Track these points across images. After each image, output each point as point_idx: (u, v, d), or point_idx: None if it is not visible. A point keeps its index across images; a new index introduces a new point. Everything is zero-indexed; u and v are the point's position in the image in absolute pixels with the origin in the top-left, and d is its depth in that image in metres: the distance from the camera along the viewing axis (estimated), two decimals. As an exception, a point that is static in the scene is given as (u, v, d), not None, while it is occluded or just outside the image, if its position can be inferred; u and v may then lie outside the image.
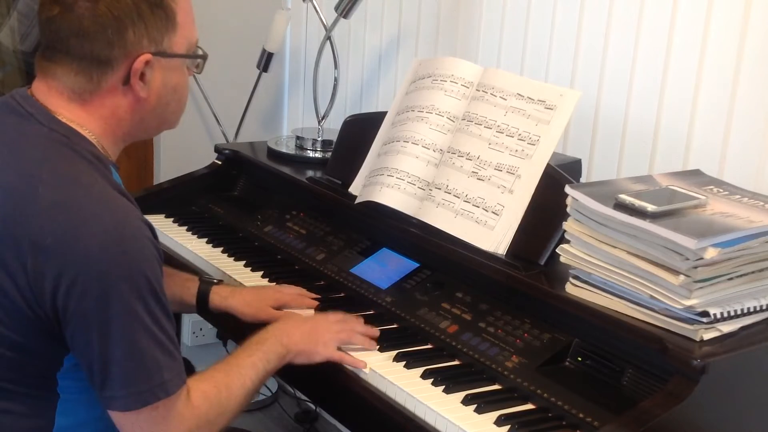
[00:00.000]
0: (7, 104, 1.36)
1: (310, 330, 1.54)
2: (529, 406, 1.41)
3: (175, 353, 1.29)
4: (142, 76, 1.32)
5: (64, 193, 1.25)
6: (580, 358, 1.46)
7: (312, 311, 1.70)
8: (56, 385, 1.32)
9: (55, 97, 1.32)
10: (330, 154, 2.18)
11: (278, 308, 1.70)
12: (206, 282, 1.75)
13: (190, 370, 1.79)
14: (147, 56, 1.31)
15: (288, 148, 2.42)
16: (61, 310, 1.22)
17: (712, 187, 1.55)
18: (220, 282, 1.78)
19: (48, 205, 1.23)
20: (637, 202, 1.38)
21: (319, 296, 1.76)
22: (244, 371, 1.41)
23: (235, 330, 1.95)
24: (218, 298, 1.72)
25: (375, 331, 1.58)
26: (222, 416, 1.36)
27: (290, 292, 1.75)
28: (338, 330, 1.55)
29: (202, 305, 1.73)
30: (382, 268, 1.81)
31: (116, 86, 1.32)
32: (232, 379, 1.39)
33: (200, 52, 1.45)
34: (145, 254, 1.26)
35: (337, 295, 1.80)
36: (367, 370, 1.50)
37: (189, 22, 1.40)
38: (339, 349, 1.54)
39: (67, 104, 1.32)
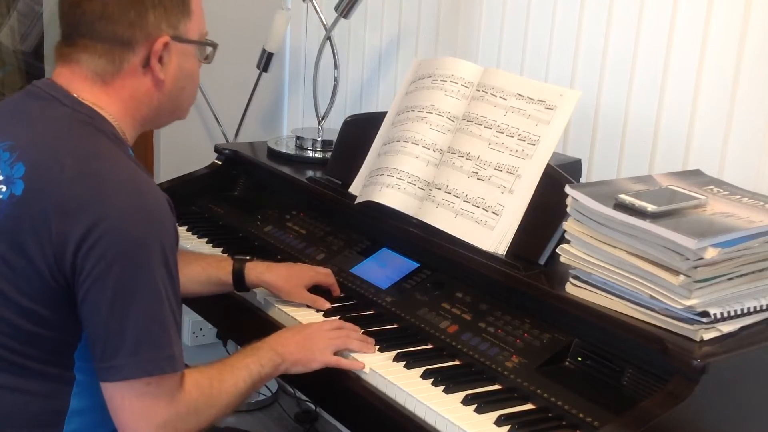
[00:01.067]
0: (29, 92, 1.42)
1: (305, 339, 1.55)
2: (529, 406, 1.41)
3: (179, 333, 1.32)
4: (160, 59, 1.38)
5: (89, 165, 1.30)
6: (580, 358, 1.46)
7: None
8: (73, 365, 1.34)
9: (78, 81, 1.38)
10: (330, 154, 2.18)
11: (310, 289, 1.75)
12: (239, 260, 1.80)
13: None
14: (166, 38, 1.38)
15: (288, 148, 2.42)
16: (79, 270, 1.25)
17: (712, 187, 1.55)
18: (252, 259, 1.83)
19: (73, 175, 1.27)
20: (637, 202, 1.38)
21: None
22: (237, 372, 1.43)
23: (235, 330, 1.96)
24: (254, 273, 1.76)
25: (370, 340, 1.58)
26: (210, 408, 1.37)
27: (325, 271, 1.79)
28: (334, 336, 1.56)
29: (239, 282, 1.76)
30: (382, 268, 1.81)
31: (136, 68, 1.38)
32: (224, 375, 1.41)
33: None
34: (166, 226, 1.31)
35: (337, 295, 1.80)
36: (366, 370, 1.50)
37: (201, 12, 1.46)
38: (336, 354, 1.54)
39: (90, 87, 1.38)
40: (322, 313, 1.70)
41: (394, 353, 1.54)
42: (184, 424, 1.33)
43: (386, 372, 1.48)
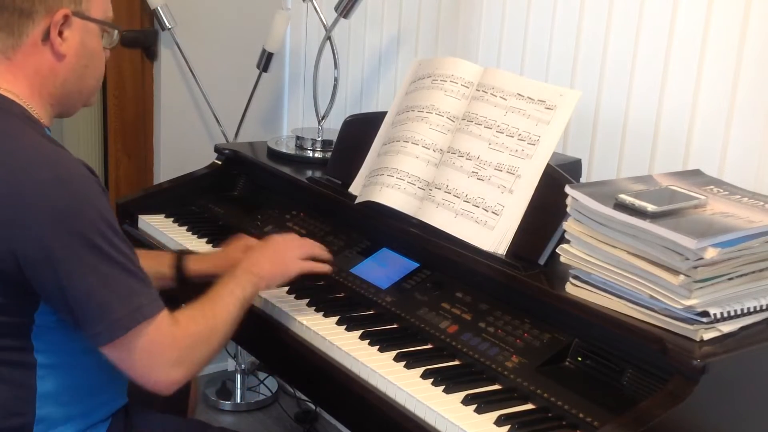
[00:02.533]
0: None
1: (273, 254, 1.65)
2: (529, 406, 1.41)
3: (146, 280, 1.35)
4: (61, 33, 1.39)
5: (2, 146, 1.31)
6: (580, 358, 1.46)
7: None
8: (33, 348, 1.36)
9: None
10: (330, 154, 2.18)
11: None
12: (179, 252, 1.83)
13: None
14: (66, 11, 1.39)
15: (288, 148, 2.42)
16: (22, 260, 1.27)
17: (712, 187, 1.55)
18: (190, 251, 1.85)
19: None
20: (637, 202, 1.38)
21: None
22: (225, 299, 1.49)
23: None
24: (193, 263, 1.79)
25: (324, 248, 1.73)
26: (214, 334, 1.44)
27: (251, 238, 1.85)
28: (298, 245, 1.69)
29: (180, 273, 1.78)
30: (382, 268, 1.81)
31: (37, 41, 1.39)
32: (215, 305, 1.47)
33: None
34: (90, 189, 1.32)
35: (337, 295, 1.80)
36: (366, 370, 1.50)
37: None
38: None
39: None
40: (323, 313, 1.70)
41: (394, 353, 1.54)
42: (195, 354, 1.40)
43: (386, 372, 1.48)
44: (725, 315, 1.34)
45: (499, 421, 1.35)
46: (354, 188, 1.95)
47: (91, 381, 1.43)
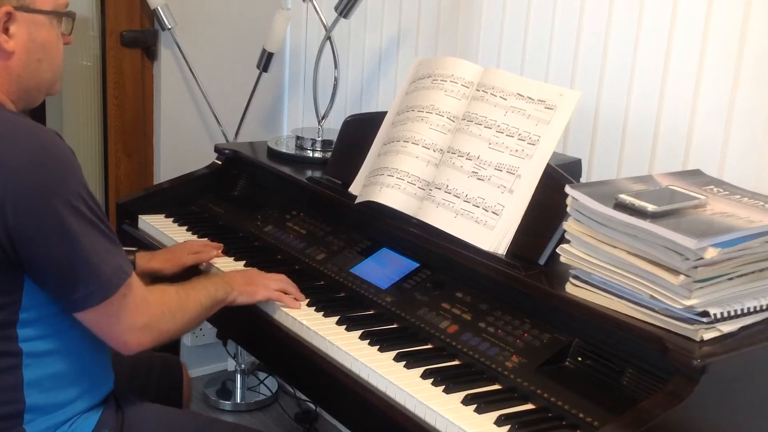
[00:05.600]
0: None
1: (249, 276, 1.76)
2: (529, 406, 1.41)
3: (117, 241, 1.42)
4: (6, 31, 1.40)
5: None
6: (580, 358, 1.46)
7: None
8: (17, 338, 1.38)
9: None
10: (330, 154, 2.18)
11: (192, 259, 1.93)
12: (128, 251, 1.85)
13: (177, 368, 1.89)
14: (7, 8, 1.39)
15: (288, 148, 2.42)
16: (13, 229, 1.30)
17: (712, 187, 1.55)
18: (138, 250, 1.90)
19: None
20: (637, 202, 1.38)
21: (221, 243, 1.99)
22: (198, 290, 1.60)
23: (234, 330, 1.95)
24: (143, 262, 1.86)
25: (302, 296, 1.76)
26: (182, 311, 1.53)
27: (199, 242, 2.01)
28: (274, 278, 1.76)
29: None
30: (382, 268, 1.81)
31: None
32: (188, 291, 1.58)
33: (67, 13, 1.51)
34: (70, 157, 1.37)
35: (337, 295, 1.80)
36: (366, 369, 1.50)
37: None
38: None
39: None
40: (323, 313, 1.70)
41: (394, 353, 1.54)
42: (161, 323, 1.48)
43: (386, 372, 1.48)
44: (725, 315, 1.34)
45: (499, 421, 1.35)
46: (354, 188, 1.95)
47: (77, 366, 1.46)
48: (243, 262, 1.94)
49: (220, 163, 2.36)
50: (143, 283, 1.47)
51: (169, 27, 2.70)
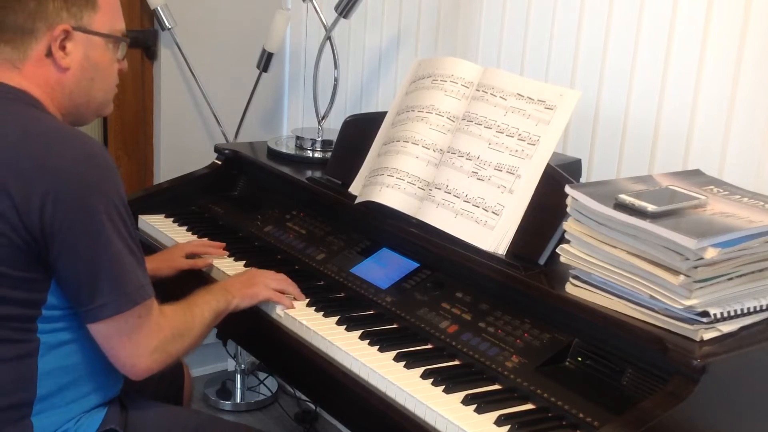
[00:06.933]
0: None
1: (248, 278, 1.76)
2: (529, 406, 1.41)
3: (144, 265, 1.45)
4: (63, 48, 1.46)
5: (30, 126, 1.39)
6: (580, 358, 1.46)
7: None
8: (36, 329, 1.40)
9: None
10: (330, 154, 2.18)
11: (189, 258, 1.95)
12: None
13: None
14: (65, 26, 1.45)
15: (288, 148, 2.42)
16: (48, 225, 1.32)
17: (712, 187, 1.55)
18: None
19: (18, 138, 1.37)
20: (637, 202, 1.38)
21: (223, 243, 2.00)
22: (201, 305, 1.61)
23: (234, 330, 1.95)
24: None
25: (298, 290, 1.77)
26: (190, 331, 1.55)
27: (196, 242, 2.02)
28: (273, 277, 1.76)
29: None
30: (382, 268, 1.81)
31: (41, 56, 1.46)
32: (193, 308, 1.59)
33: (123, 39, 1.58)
34: (112, 168, 1.41)
35: (337, 295, 1.80)
36: (366, 369, 1.50)
37: (112, 8, 1.54)
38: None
39: (9, 73, 1.46)
40: (323, 313, 1.70)
41: (394, 353, 1.54)
42: (171, 346, 1.49)
43: (386, 372, 1.48)
44: (725, 315, 1.34)
45: (499, 421, 1.35)
46: (354, 188, 1.95)
47: (90, 363, 1.47)
48: (243, 262, 1.94)
49: (220, 163, 2.36)
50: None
51: (169, 27, 2.71)
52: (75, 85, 1.49)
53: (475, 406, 1.38)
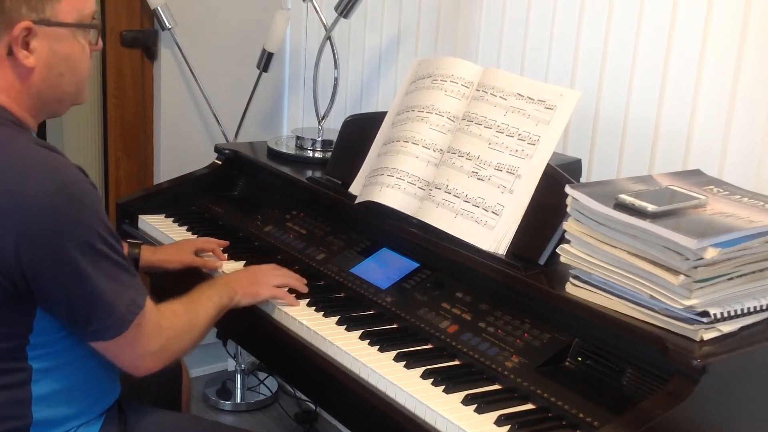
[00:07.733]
0: None
1: (251, 275, 1.75)
2: (529, 406, 1.41)
3: (131, 269, 1.40)
4: (27, 46, 1.34)
5: None
6: (580, 358, 1.46)
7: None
8: (26, 357, 1.37)
9: None
10: (330, 154, 2.18)
11: (197, 253, 1.95)
12: (133, 244, 1.90)
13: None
14: (25, 24, 1.32)
15: (288, 148, 2.42)
16: (27, 269, 1.28)
17: (712, 187, 1.55)
18: (143, 243, 1.93)
19: None
20: (637, 202, 1.38)
21: (227, 240, 2.01)
22: (203, 302, 1.59)
23: (234, 330, 1.96)
24: (148, 254, 1.90)
25: (304, 280, 1.78)
26: (192, 330, 1.54)
27: (203, 238, 2.02)
28: (276, 274, 1.76)
29: (134, 262, 1.87)
30: (382, 268, 1.81)
31: (2, 58, 1.34)
32: (195, 305, 1.57)
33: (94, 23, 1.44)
34: (89, 194, 1.33)
35: (337, 295, 1.80)
36: (366, 369, 1.50)
37: None
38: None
39: None
40: (323, 313, 1.70)
41: (394, 353, 1.54)
42: (174, 345, 1.48)
43: (386, 372, 1.48)
44: (725, 315, 1.34)
45: (499, 421, 1.35)
46: (354, 188, 1.95)
47: (85, 381, 1.45)
48: (243, 262, 1.94)
49: (220, 163, 2.36)
50: (153, 303, 1.45)
51: (169, 27, 2.70)
52: (43, 83, 1.37)
53: (475, 406, 1.39)
